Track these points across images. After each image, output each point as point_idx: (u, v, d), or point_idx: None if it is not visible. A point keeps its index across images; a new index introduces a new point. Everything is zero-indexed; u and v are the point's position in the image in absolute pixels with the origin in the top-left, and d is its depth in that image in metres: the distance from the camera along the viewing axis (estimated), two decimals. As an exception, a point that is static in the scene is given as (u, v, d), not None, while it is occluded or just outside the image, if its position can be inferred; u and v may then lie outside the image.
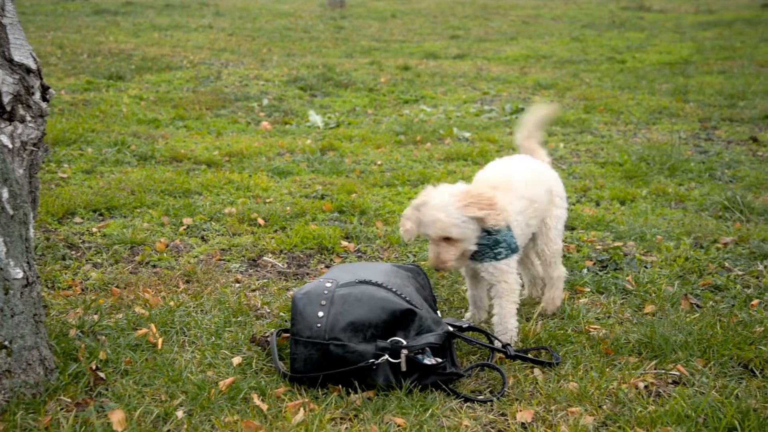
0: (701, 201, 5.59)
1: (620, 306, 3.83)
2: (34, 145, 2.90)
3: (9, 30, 2.80)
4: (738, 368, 3.16)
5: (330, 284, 3.06)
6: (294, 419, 2.68)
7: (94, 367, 2.90)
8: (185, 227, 4.81)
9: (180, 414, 2.69)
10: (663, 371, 3.13)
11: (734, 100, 9.52)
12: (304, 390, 2.91)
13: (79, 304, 3.57)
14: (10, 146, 2.76)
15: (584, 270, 4.30)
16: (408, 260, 4.42)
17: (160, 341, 3.21)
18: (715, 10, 24.17)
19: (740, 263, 4.40)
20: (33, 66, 2.86)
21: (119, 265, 4.19)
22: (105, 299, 3.67)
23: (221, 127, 7.74)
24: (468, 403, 2.89)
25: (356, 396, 2.86)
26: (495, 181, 3.43)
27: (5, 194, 2.61)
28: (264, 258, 4.40)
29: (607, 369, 3.11)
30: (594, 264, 4.40)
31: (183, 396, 2.81)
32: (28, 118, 2.85)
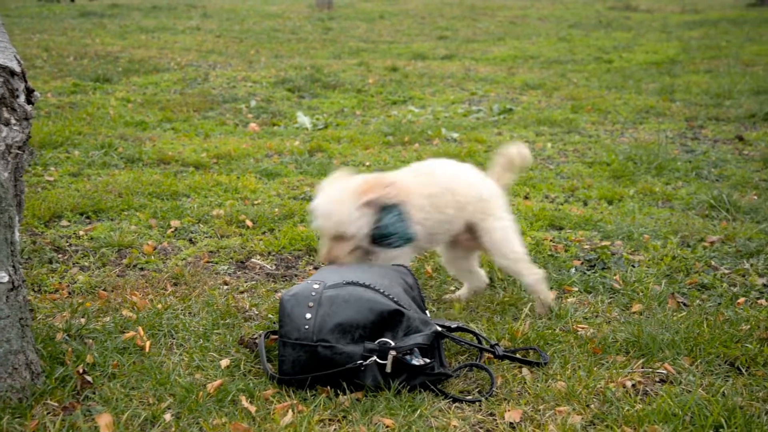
0: (688, 200, 5.62)
1: (608, 305, 3.84)
2: (19, 148, 2.89)
3: (-7, 33, 2.79)
4: (724, 366, 3.18)
5: (318, 286, 3.06)
6: (282, 421, 2.67)
7: (81, 371, 2.89)
8: (173, 229, 4.80)
9: (168, 417, 2.68)
10: (650, 370, 3.14)
11: (720, 100, 9.58)
12: (293, 392, 2.91)
13: (66, 308, 3.55)
14: (-5, 149, 2.74)
15: (572, 269, 4.31)
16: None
17: (148, 344, 3.20)
18: (701, 10, 24.32)
19: (727, 262, 4.43)
20: (17, 69, 2.85)
21: (106, 268, 4.17)
22: (92, 302, 3.65)
23: (209, 129, 7.72)
24: (456, 404, 2.90)
25: (345, 397, 2.86)
26: (416, 172, 3.44)
27: (-10, 198, 2.59)
28: (252, 260, 4.39)
29: (595, 368, 3.12)
30: (582, 263, 4.42)
31: (171, 399, 2.80)
32: (13, 121, 2.84)
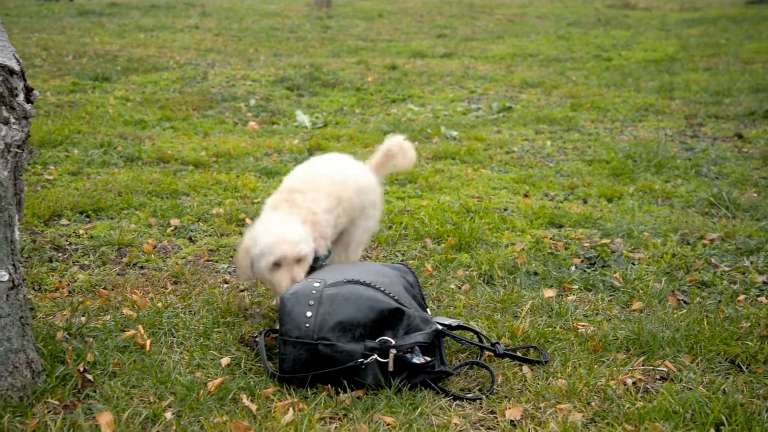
0: (688, 198, 5.62)
1: (608, 303, 3.84)
2: (19, 147, 2.88)
3: (-8, 31, 2.78)
4: (725, 363, 3.18)
5: (318, 284, 3.06)
6: (283, 419, 2.67)
7: (82, 369, 2.89)
8: (173, 228, 4.79)
9: (169, 415, 2.68)
10: (651, 367, 3.14)
11: (720, 97, 9.58)
12: (294, 390, 2.91)
13: (67, 306, 3.55)
14: (-5, 148, 2.74)
15: (572, 267, 4.31)
16: (396, 259, 4.43)
17: (148, 343, 3.20)
18: (700, 8, 24.31)
19: (727, 259, 4.43)
20: (16, 67, 2.84)
21: (106, 267, 4.17)
22: (92, 301, 3.65)
23: (208, 128, 7.72)
24: (457, 401, 2.90)
25: (345, 395, 2.86)
26: (299, 185, 3.48)
27: (-10, 196, 2.59)
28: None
29: (596, 366, 3.12)
30: (582, 261, 4.42)
31: (172, 397, 2.80)
32: (12, 120, 2.84)
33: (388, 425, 2.69)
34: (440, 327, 3.11)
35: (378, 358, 2.89)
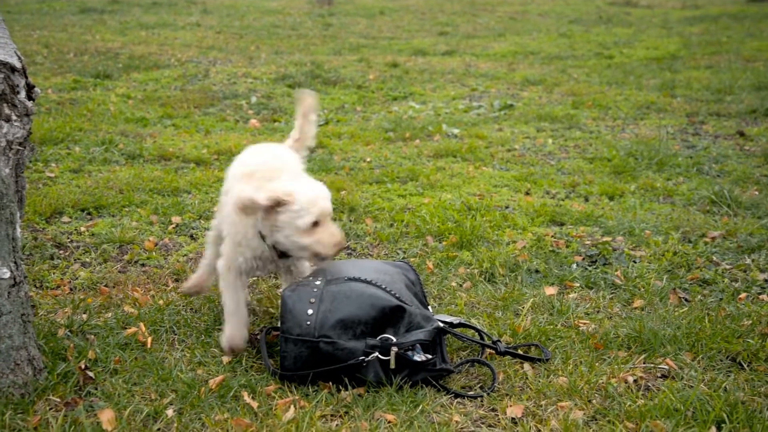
0: (689, 195, 5.61)
1: (609, 301, 3.84)
2: (20, 144, 2.88)
3: (-6, 28, 2.78)
4: (726, 361, 3.18)
5: (319, 282, 3.06)
6: (284, 417, 2.68)
7: (83, 367, 2.89)
8: (174, 226, 4.79)
9: (170, 413, 2.68)
10: (652, 365, 3.14)
11: (721, 95, 9.56)
12: (295, 387, 2.91)
13: (68, 304, 3.56)
14: (-4, 145, 2.74)
15: (573, 265, 4.31)
16: (398, 257, 4.43)
17: (150, 340, 3.21)
18: (702, 5, 24.27)
19: (728, 257, 4.43)
20: (18, 65, 2.84)
21: (108, 264, 4.17)
22: (94, 298, 3.65)
23: (210, 126, 7.72)
24: (458, 399, 2.90)
25: (346, 393, 2.86)
26: (266, 169, 3.32)
27: (-9, 194, 2.59)
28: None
29: (597, 363, 3.12)
30: (583, 259, 4.42)
31: (173, 394, 2.81)
32: (14, 117, 2.84)
33: (390, 423, 2.69)
34: (441, 325, 3.11)
35: (379, 356, 2.89)
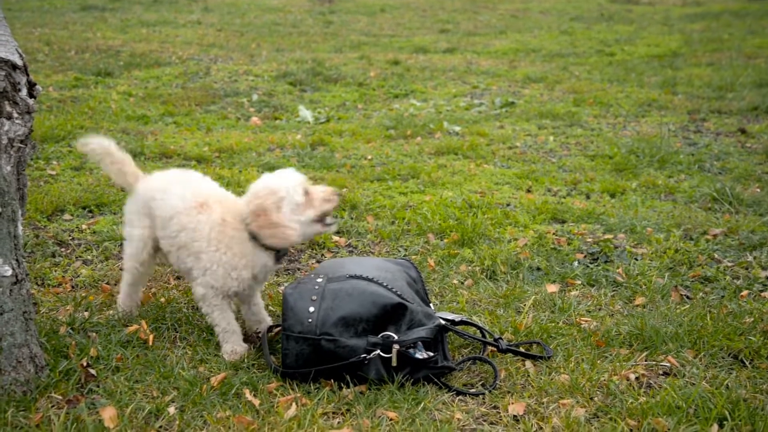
0: (691, 193, 5.61)
1: (611, 298, 3.84)
2: (22, 142, 2.88)
3: (-5, 26, 2.78)
4: (728, 359, 3.18)
5: (321, 279, 3.06)
6: (286, 414, 2.68)
7: (85, 364, 2.89)
8: (175, 223, 4.78)
9: (172, 410, 2.69)
10: (654, 363, 3.14)
11: (723, 92, 9.55)
12: (296, 385, 2.91)
13: (69, 301, 3.56)
14: (-2, 143, 2.74)
15: (575, 262, 4.31)
16: (399, 254, 4.42)
17: (151, 337, 3.20)
18: (703, 3, 24.23)
19: (729, 254, 4.42)
20: (19, 62, 2.84)
21: (109, 262, 4.17)
22: (95, 296, 3.65)
23: (211, 123, 7.71)
24: (460, 397, 2.90)
25: (348, 390, 2.86)
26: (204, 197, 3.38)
27: (-7, 191, 2.59)
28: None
29: (599, 361, 3.12)
30: (585, 257, 4.41)
31: (175, 392, 2.81)
32: (15, 115, 2.83)
33: (391, 420, 2.69)
34: (443, 322, 3.11)
35: (381, 354, 2.89)
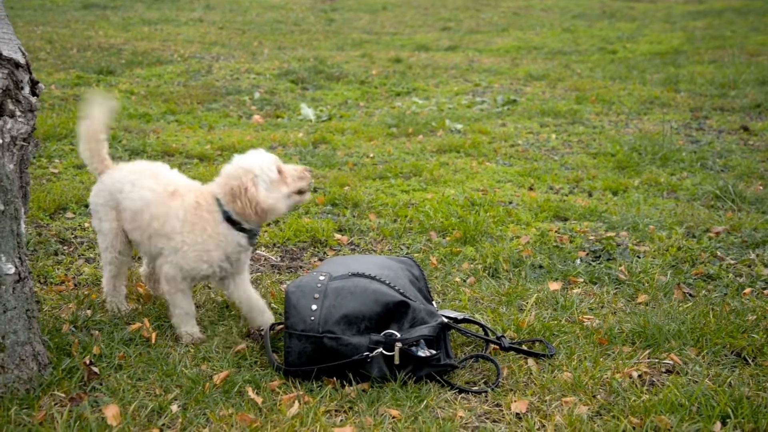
0: (693, 190, 5.60)
1: (613, 296, 3.84)
2: (24, 140, 2.88)
3: (-3, 24, 2.78)
4: (731, 356, 3.18)
5: (323, 277, 3.06)
6: (289, 412, 2.68)
7: (88, 362, 2.90)
8: (178, 221, 4.78)
9: (174, 408, 2.69)
10: (656, 360, 3.14)
11: (725, 90, 9.54)
12: (299, 383, 2.91)
13: (72, 299, 3.56)
14: (0, 141, 2.74)
15: (577, 260, 4.30)
16: (402, 252, 4.42)
17: (154, 335, 3.21)
18: (706, 0, 24.20)
19: (732, 252, 4.42)
20: (22, 60, 2.84)
21: (112, 260, 4.16)
22: (98, 294, 3.65)
23: (213, 121, 7.72)
24: (462, 394, 2.90)
25: (351, 388, 2.86)
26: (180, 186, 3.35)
27: (-4, 190, 2.59)
28: (257, 251, 4.39)
29: (601, 359, 3.12)
30: (587, 254, 4.41)
31: (177, 390, 2.81)
32: (18, 113, 2.84)
33: (394, 418, 2.69)
34: (446, 320, 3.10)
35: (383, 352, 2.89)
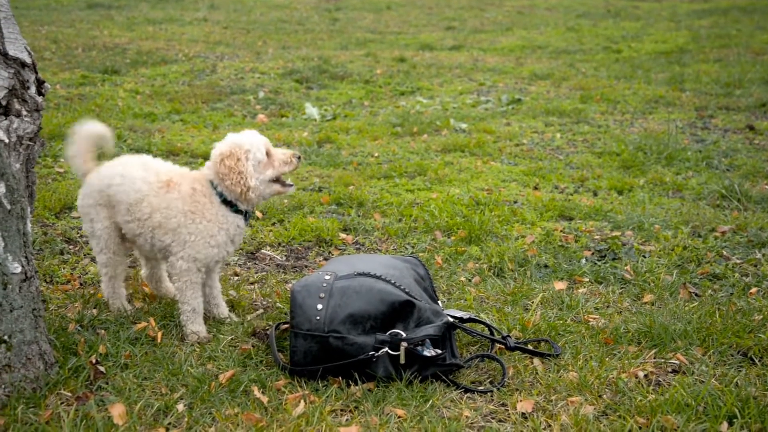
0: (699, 190, 5.59)
1: (619, 295, 3.83)
2: (31, 140, 2.89)
3: (3, 24, 2.78)
4: (737, 356, 3.17)
5: (329, 277, 3.06)
6: (294, 411, 2.68)
7: (94, 361, 2.90)
8: (183, 221, 4.79)
9: (180, 407, 2.69)
10: (662, 360, 3.13)
11: (730, 89, 9.51)
12: (305, 382, 2.91)
13: (78, 299, 3.56)
14: (7, 141, 2.75)
15: (582, 260, 4.30)
16: (407, 251, 4.42)
17: (160, 335, 3.21)
18: (711, -1, 24.13)
19: (738, 252, 4.40)
20: (28, 60, 2.85)
21: (117, 260, 4.17)
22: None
23: (217, 121, 7.72)
24: (468, 394, 2.90)
25: (356, 388, 2.86)
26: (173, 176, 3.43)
27: (2, 189, 2.60)
28: (262, 251, 4.39)
29: (607, 358, 3.11)
30: (592, 254, 4.40)
31: (183, 389, 2.81)
32: (24, 113, 2.84)
33: (399, 417, 2.69)
34: (451, 320, 3.10)
35: (389, 351, 2.88)
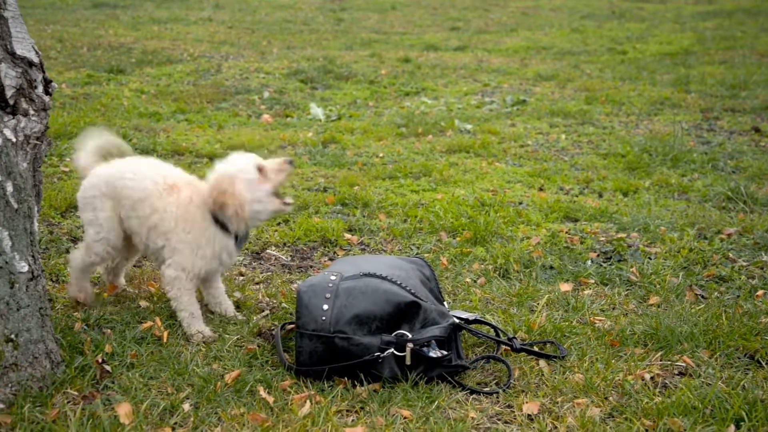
0: (704, 192, 5.58)
1: (625, 297, 3.82)
2: (38, 139, 2.89)
3: (11, 23, 2.79)
4: (744, 359, 3.16)
5: (334, 277, 3.06)
6: (300, 412, 2.68)
7: (100, 360, 2.90)
8: (188, 220, 4.79)
9: (186, 407, 2.69)
10: (669, 362, 3.12)
11: (736, 91, 9.50)
12: (310, 382, 2.91)
13: (84, 298, 3.57)
14: (14, 140, 2.75)
15: (588, 261, 4.29)
16: (412, 252, 4.42)
17: (165, 334, 3.21)
18: (715, 0, 24.10)
19: (744, 254, 4.40)
20: (35, 59, 2.85)
21: (123, 259, 4.17)
22: (109, 293, 3.66)
23: (222, 121, 7.73)
24: (474, 395, 2.89)
25: (362, 388, 2.86)
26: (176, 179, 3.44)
27: (9, 188, 2.60)
28: (267, 251, 4.40)
29: (613, 360, 3.11)
30: (598, 255, 4.40)
31: (189, 389, 2.81)
32: (31, 112, 2.84)
33: (405, 418, 2.69)
34: (457, 321, 3.10)
35: (395, 352, 2.88)
